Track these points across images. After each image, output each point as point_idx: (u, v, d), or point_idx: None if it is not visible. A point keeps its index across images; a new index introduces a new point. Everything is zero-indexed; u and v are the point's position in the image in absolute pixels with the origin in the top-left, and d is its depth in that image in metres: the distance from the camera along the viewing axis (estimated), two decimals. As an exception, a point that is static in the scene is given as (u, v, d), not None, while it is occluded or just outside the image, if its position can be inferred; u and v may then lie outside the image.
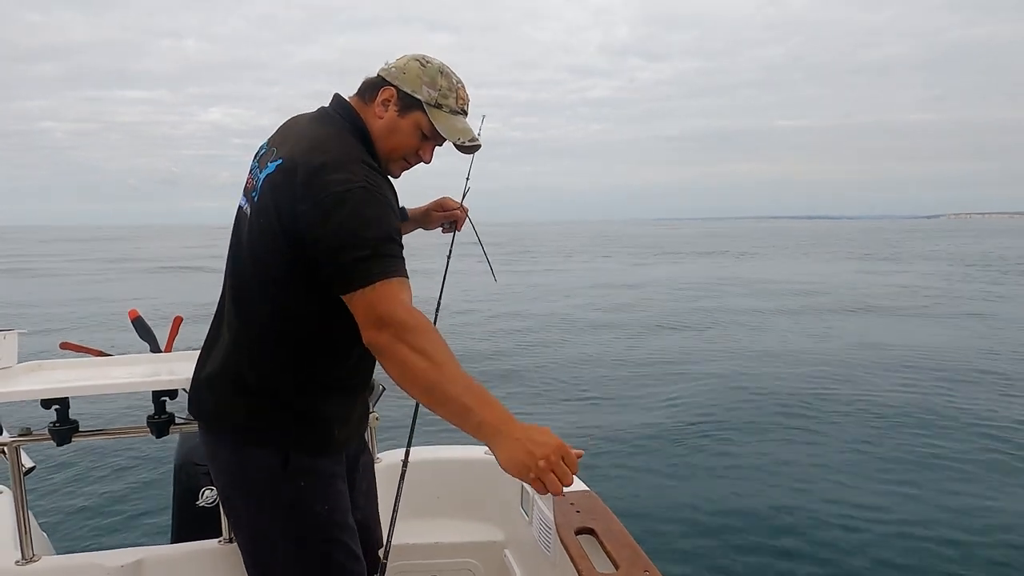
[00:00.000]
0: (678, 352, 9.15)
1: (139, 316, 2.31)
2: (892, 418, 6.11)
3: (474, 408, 1.27)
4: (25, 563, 1.86)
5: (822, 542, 3.86)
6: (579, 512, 1.87)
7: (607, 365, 8.35)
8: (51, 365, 2.06)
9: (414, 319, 1.35)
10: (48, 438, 1.81)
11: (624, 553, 1.61)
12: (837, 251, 39.03)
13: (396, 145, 1.57)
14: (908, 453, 5.27)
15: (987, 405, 6.53)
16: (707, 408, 6.50)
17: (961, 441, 5.50)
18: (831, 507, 4.26)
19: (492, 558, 2.37)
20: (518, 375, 7.71)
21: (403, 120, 1.56)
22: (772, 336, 10.54)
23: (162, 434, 1.88)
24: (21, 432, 1.86)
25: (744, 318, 12.41)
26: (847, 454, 5.30)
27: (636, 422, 5.82)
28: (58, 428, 1.80)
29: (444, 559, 2.29)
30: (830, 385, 7.35)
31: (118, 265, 22.31)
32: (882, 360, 8.64)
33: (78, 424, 1.83)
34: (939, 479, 4.73)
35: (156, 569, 1.88)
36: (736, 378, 7.62)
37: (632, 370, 8.02)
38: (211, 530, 1.98)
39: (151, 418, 1.87)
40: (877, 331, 10.92)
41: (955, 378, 7.63)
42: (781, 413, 6.28)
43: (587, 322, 11.81)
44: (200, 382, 1.62)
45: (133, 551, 1.92)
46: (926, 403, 6.55)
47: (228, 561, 1.94)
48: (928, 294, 16.24)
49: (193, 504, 2.14)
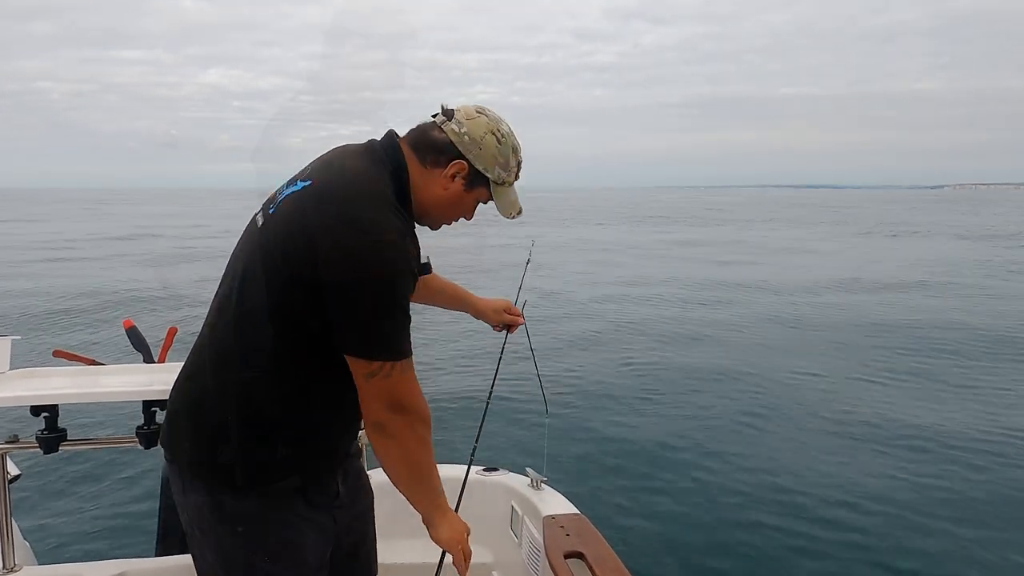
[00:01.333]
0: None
1: (133, 326, 2.31)
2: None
3: (438, 494, 1.59)
4: (6, 572, 1.84)
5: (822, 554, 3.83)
6: (569, 535, 1.86)
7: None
8: (43, 372, 2.05)
9: (427, 410, 1.48)
10: (36, 446, 1.80)
11: None
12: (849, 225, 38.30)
13: (455, 214, 1.57)
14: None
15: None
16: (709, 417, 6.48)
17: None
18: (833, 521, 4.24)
19: None
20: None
21: (468, 195, 1.53)
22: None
23: (151, 445, 1.87)
24: (8, 439, 1.85)
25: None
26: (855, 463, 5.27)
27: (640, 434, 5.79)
28: (46, 436, 1.80)
29: None
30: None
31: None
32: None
33: (66, 432, 1.82)
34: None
35: None
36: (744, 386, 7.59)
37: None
38: None
39: (140, 428, 1.86)
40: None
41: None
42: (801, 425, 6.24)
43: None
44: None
45: (116, 563, 1.91)
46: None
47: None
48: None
49: (179, 517, 2.12)
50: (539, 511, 2.04)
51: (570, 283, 15.16)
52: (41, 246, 23.85)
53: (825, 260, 20.09)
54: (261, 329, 1.39)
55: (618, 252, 23.13)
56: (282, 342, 1.40)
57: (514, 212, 1.58)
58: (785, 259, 20.54)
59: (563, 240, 27.50)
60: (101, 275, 16.03)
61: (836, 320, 11.01)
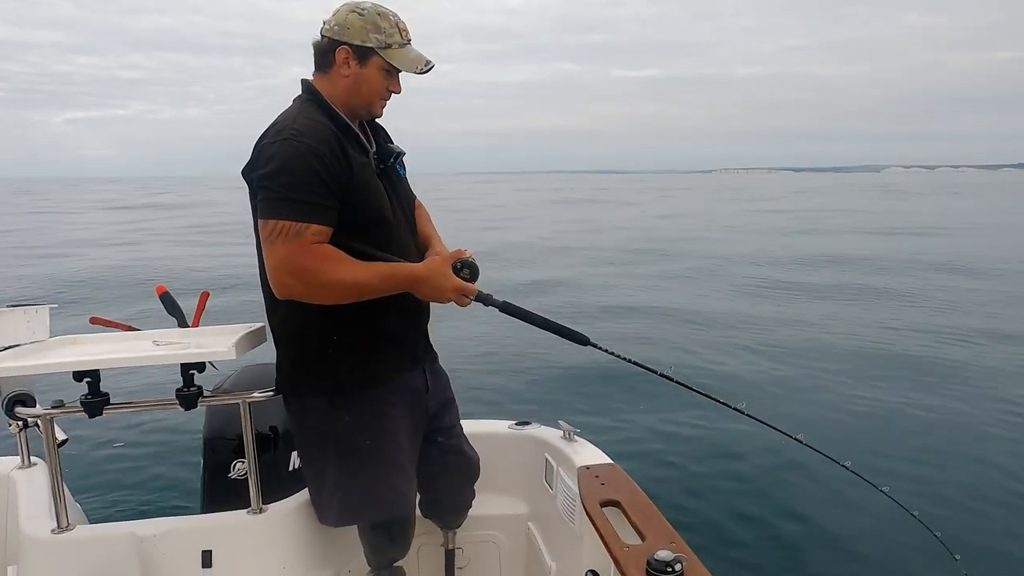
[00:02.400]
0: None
1: (167, 291, 2.33)
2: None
3: (395, 275, 1.73)
4: (61, 531, 1.90)
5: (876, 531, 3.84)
6: (604, 484, 1.87)
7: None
8: (82, 339, 2.09)
9: (315, 261, 1.64)
10: (80, 410, 1.84)
11: (650, 524, 1.61)
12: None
13: (369, 92, 1.79)
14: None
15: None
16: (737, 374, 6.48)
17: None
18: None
19: (516, 531, 2.39)
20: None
21: (366, 70, 1.76)
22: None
23: (190, 407, 1.91)
24: (54, 404, 1.90)
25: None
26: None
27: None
28: (90, 400, 1.83)
29: (467, 532, 2.31)
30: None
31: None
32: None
33: (109, 396, 1.86)
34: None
35: (187, 538, 1.92)
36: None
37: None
38: (241, 501, 2.01)
39: (180, 391, 1.90)
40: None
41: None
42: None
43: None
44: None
45: (165, 520, 1.96)
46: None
47: (258, 531, 1.97)
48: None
49: (223, 476, 2.17)
50: (573, 462, 2.05)
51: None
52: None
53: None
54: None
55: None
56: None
57: (420, 66, 1.78)
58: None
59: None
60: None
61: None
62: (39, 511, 2.02)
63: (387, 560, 2.07)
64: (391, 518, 1.96)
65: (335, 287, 1.67)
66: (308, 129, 1.69)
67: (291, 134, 1.67)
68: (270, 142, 1.68)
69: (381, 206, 1.81)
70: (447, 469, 2.11)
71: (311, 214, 1.64)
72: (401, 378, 1.92)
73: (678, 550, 1.45)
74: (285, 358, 1.88)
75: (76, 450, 4.64)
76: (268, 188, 1.66)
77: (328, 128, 1.73)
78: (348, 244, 1.71)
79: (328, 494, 1.91)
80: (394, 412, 1.89)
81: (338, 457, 1.87)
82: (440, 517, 2.22)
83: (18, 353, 1.90)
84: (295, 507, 2.03)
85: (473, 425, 2.35)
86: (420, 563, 2.34)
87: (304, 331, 1.82)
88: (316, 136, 1.69)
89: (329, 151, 1.69)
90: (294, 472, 2.19)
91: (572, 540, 1.99)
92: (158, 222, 27.82)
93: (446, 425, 2.11)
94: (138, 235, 21.46)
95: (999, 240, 18.81)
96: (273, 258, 1.66)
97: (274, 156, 1.66)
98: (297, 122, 1.70)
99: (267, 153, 1.67)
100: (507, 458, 2.39)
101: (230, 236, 19.74)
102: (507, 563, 2.41)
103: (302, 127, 1.69)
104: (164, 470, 4.53)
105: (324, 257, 1.66)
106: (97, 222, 28.10)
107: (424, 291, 1.76)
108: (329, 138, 1.71)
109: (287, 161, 1.64)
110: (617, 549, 1.52)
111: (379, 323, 1.84)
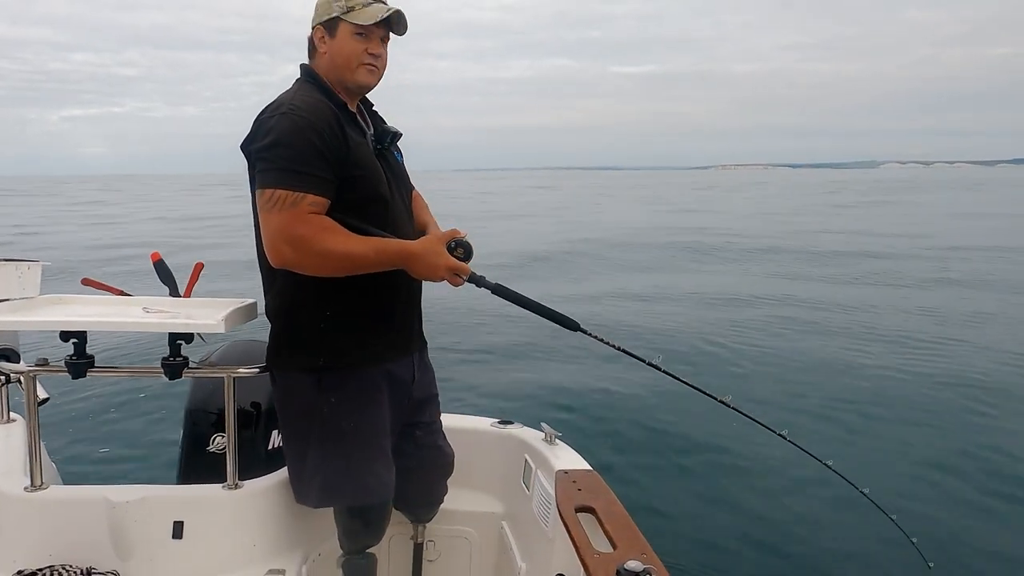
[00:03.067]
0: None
1: (161, 259, 2.33)
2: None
3: (388, 249, 1.73)
4: (34, 490, 1.90)
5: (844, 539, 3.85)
6: (580, 490, 1.87)
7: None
8: (72, 299, 2.08)
9: (310, 230, 1.65)
10: (64, 371, 1.84)
11: (623, 534, 1.61)
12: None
13: (346, 59, 1.80)
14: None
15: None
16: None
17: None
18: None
19: (489, 529, 2.39)
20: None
21: (337, 40, 1.79)
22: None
23: (175, 376, 1.90)
24: (38, 362, 1.89)
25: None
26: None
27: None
28: (75, 361, 1.83)
29: (440, 525, 2.31)
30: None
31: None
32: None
33: (94, 359, 1.85)
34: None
35: (160, 507, 1.91)
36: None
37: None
38: (217, 475, 2.01)
39: (165, 360, 1.89)
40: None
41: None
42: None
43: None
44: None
45: (139, 488, 1.96)
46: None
47: (232, 506, 1.97)
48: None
49: (201, 449, 2.17)
50: (552, 465, 2.05)
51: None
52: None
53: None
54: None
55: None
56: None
57: (379, 17, 1.75)
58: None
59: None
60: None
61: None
62: (13, 468, 2.01)
63: (360, 546, 2.06)
64: (370, 503, 1.96)
65: (329, 257, 1.68)
66: (307, 105, 1.72)
67: (290, 108, 1.70)
68: (269, 116, 1.71)
69: (378, 183, 1.82)
70: (422, 464, 2.10)
71: (308, 184, 1.66)
72: (390, 363, 1.92)
73: (648, 561, 1.46)
74: (276, 332, 1.88)
75: (56, 410, 4.63)
76: (266, 159, 1.68)
77: (326, 105, 1.76)
78: (345, 220, 1.72)
79: (309, 475, 1.90)
80: (380, 397, 1.89)
81: (321, 438, 1.86)
82: (411, 511, 2.22)
83: (6, 308, 1.90)
84: (271, 486, 2.03)
85: (455, 420, 2.35)
86: (391, 552, 2.34)
87: (298, 305, 1.82)
88: (315, 112, 1.71)
89: (327, 127, 1.70)
90: (273, 451, 2.19)
91: (544, 542, 2.00)
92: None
93: (426, 420, 2.10)
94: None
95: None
96: (270, 226, 1.67)
97: (272, 129, 1.68)
98: (296, 98, 1.74)
99: (266, 126, 1.69)
100: (487, 456, 2.39)
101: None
102: (477, 560, 2.41)
103: (300, 103, 1.72)
104: (143, 438, 4.53)
105: (320, 227, 1.67)
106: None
107: (417, 268, 1.76)
108: (327, 114, 1.73)
109: (286, 134, 1.66)
110: (588, 556, 1.53)
111: (373, 302, 1.84)
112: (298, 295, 1.80)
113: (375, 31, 1.79)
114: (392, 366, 1.92)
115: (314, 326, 1.82)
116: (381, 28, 1.79)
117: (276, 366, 1.90)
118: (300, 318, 1.83)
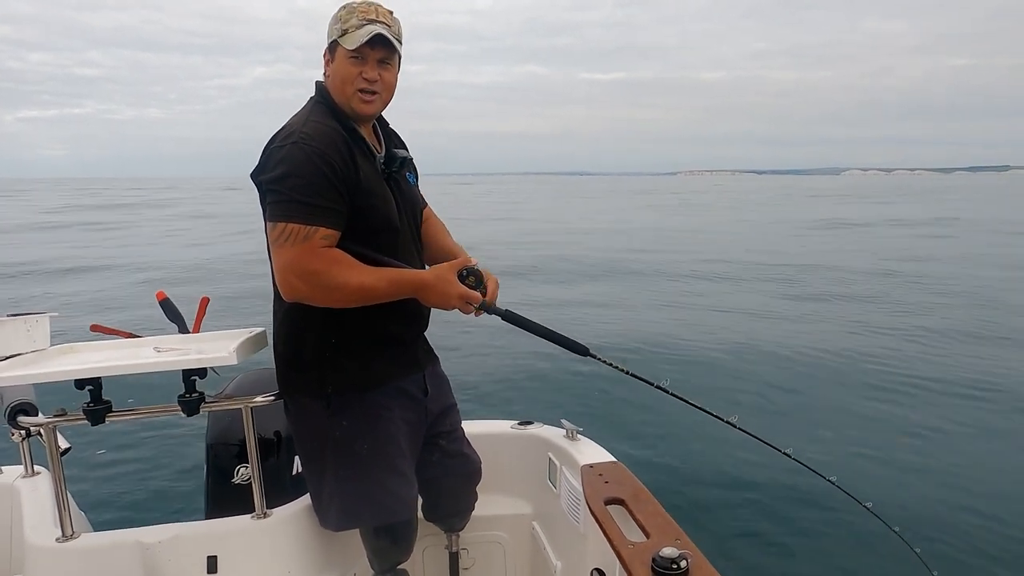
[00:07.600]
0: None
1: (167, 298, 2.33)
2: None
3: (402, 280, 1.73)
4: (65, 540, 1.90)
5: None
6: (607, 483, 1.87)
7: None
8: (83, 347, 2.09)
9: (323, 264, 1.65)
10: (83, 418, 1.84)
11: (654, 522, 1.61)
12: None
13: (342, 83, 1.78)
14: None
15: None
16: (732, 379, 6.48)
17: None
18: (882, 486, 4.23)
19: (520, 531, 2.39)
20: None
21: (336, 63, 1.78)
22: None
23: (192, 412, 1.91)
24: (56, 413, 1.89)
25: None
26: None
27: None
28: (92, 408, 1.83)
29: (472, 532, 2.30)
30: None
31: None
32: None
33: (111, 404, 1.86)
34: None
35: (192, 544, 1.92)
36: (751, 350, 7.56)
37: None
38: (244, 506, 2.01)
39: (182, 397, 1.89)
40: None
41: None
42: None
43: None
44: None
45: (170, 527, 1.96)
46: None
47: (262, 536, 1.97)
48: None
49: (226, 481, 2.17)
50: (576, 461, 2.05)
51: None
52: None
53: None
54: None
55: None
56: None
57: (363, 37, 1.71)
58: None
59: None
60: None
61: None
62: (44, 520, 2.02)
63: (390, 563, 2.06)
64: (390, 522, 1.96)
65: (342, 290, 1.67)
66: (317, 133, 1.70)
67: (300, 138, 1.68)
68: (279, 146, 1.70)
69: (388, 213, 1.82)
70: (448, 472, 2.10)
71: (320, 217, 1.65)
72: (399, 382, 1.92)
73: (683, 547, 1.45)
74: (282, 359, 1.89)
75: (79, 458, 4.64)
76: (277, 191, 1.67)
77: (337, 131, 1.75)
78: (355, 249, 1.72)
79: (327, 498, 1.91)
80: (391, 416, 1.89)
81: (336, 461, 1.87)
82: (443, 521, 2.22)
83: (19, 362, 1.90)
84: (299, 511, 2.03)
85: (475, 426, 2.35)
86: (425, 565, 2.34)
87: (303, 333, 1.83)
88: (325, 140, 1.70)
89: (337, 155, 1.69)
90: (297, 476, 2.19)
91: (577, 539, 1.99)
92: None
93: (447, 429, 2.10)
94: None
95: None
96: (281, 260, 1.67)
97: (283, 160, 1.67)
98: (307, 126, 1.72)
99: (276, 157, 1.68)
100: (510, 458, 2.39)
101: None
102: (512, 563, 2.41)
103: (311, 131, 1.70)
104: (168, 476, 4.53)
105: (332, 260, 1.67)
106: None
107: (429, 297, 1.77)
108: (337, 142, 1.72)
109: (296, 165, 1.65)
110: (622, 547, 1.52)
111: (378, 326, 1.84)
112: (303, 323, 1.81)
113: (370, 53, 1.76)
114: (402, 383, 1.93)
115: (320, 353, 1.82)
116: (378, 51, 1.76)
117: (286, 392, 1.91)
118: (305, 345, 1.84)
